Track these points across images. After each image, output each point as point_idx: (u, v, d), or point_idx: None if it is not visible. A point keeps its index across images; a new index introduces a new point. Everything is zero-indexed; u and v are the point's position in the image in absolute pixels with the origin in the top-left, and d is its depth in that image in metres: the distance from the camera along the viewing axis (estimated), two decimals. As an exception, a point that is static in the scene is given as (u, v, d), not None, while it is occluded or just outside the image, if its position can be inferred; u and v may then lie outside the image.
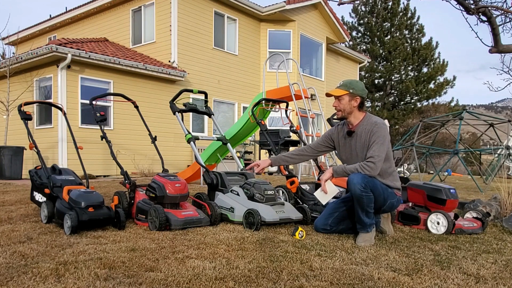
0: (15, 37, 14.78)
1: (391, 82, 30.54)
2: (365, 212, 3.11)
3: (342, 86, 3.36)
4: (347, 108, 3.32)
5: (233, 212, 3.68)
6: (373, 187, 3.10)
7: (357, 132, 3.34)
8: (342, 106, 3.34)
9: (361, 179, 3.06)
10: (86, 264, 2.31)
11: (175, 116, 4.29)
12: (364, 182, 3.05)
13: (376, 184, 3.14)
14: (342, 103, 3.33)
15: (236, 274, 2.18)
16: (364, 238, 3.09)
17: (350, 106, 3.32)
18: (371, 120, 3.30)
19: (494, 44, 4.61)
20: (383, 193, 3.20)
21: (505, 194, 4.20)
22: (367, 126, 3.28)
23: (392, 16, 29.86)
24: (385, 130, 3.23)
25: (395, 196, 3.33)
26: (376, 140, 3.17)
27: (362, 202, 3.07)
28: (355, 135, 3.35)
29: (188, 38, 12.58)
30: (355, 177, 3.08)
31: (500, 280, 2.23)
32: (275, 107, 6.15)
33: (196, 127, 12.93)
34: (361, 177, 3.07)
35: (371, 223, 3.15)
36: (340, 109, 3.35)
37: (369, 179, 3.09)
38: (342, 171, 3.23)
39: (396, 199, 3.34)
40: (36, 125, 10.40)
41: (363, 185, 3.04)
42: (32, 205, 4.52)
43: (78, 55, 9.65)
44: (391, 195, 3.28)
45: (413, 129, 9.71)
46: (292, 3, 14.39)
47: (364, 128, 3.29)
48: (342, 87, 3.35)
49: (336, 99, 3.36)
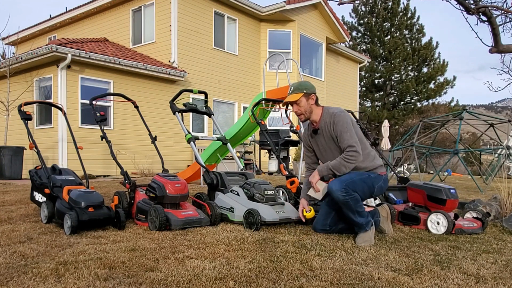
0: (15, 37, 14.78)
1: (391, 82, 30.54)
2: (356, 213, 3.12)
3: (294, 90, 3.42)
4: (307, 108, 3.39)
5: (233, 212, 3.68)
6: (353, 186, 3.12)
7: (321, 127, 3.40)
8: (303, 108, 3.39)
9: (339, 185, 3.08)
10: (86, 264, 2.31)
11: (175, 116, 4.29)
12: (343, 186, 3.07)
13: (355, 181, 3.15)
14: (302, 106, 3.38)
15: (236, 274, 2.18)
16: (363, 238, 3.08)
17: (309, 105, 3.39)
18: (329, 112, 3.36)
19: (494, 44, 4.61)
20: (366, 184, 3.22)
21: (505, 194, 4.20)
22: (327, 118, 3.35)
23: (392, 16, 29.85)
24: (345, 116, 3.28)
25: (380, 177, 3.33)
26: (342, 129, 3.22)
27: (350, 205, 3.09)
28: (320, 131, 3.41)
29: (188, 38, 12.58)
30: (334, 185, 3.11)
31: (500, 280, 2.23)
32: (275, 107, 6.15)
33: (196, 127, 12.93)
34: (339, 183, 3.10)
35: (367, 221, 3.15)
36: (302, 112, 3.40)
37: (347, 181, 3.11)
38: (326, 169, 3.25)
39: (382, 180, 3.34)
40: (36, 125, 10.40)
41: (344, 190, 3.06)
42: (32, 205, 4.52)
43: (78, 55, 9.65)
44: (375, 179, 3.28)
45: (413, 129, 9.71)
46: (292, 3, 14.39)
47: (325, 122, 3.35)
48: (296, 91, 3.41)
49: (295, 104, 3.41)
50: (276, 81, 8.52)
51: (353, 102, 20.65)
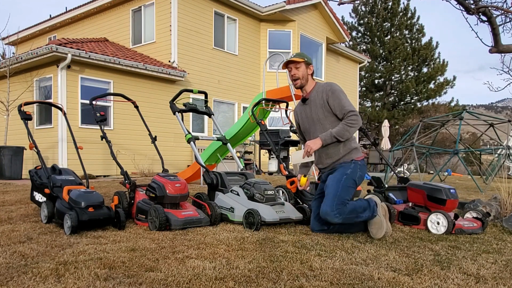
0: (15, 37, 14.79)
1: (391, 82, 30.54)
2: (358, 215, 3.16)
3: (297, 55, 3.51)
4: (304, 75, 3.48)
5: (233, 212, 3.68)
6: (341, 199, 3.13)
7: (310, 98, 3.49)
8: (301, 73, 3.47)
9: (329, 208, 3.09)
10: (86, 264, 2.31)
11: (175, 116, 4.29)
12: (334, 207, 3.09)
13: (340, 193, 3.16)
14: (300, 71, 3.47)
15: (236, 274, 2.18)
16: (376, 226, 3.16)
17: (306, 73, 3.49)
18: (322, 84, 3.50)
19: (494, 44, 4.61)
20: (349, 185, 3.24)
21: (505, 194, 4.20)
22: (319, 88, 3.46)
23: (392, 16, 29.85)
24: (339, 87, 3.43)
25: (356, 167, 3.34)
26: (340, 97, 3.33)
27: (350, 218, 3.13)
28: (309, 101, 3.50)
29: (188, 38, 12.58)
30: (324, 211, 3.11)
31: (500, 280, 2.23)
32: (275, 107, 6.15)
33: (196, 127, 12.93)
34: (328, 207, 3.10)
35: (370, 208, 3.20)
36: (299, 77, 3.48)
37: (334, 200, 3.11)
38: (330, 137, 3.27)
39: (359, 168, 3.35)
40: (36, 125, 10.40)
41: (336, 211, 3.08)
42: (32, 205, 4.52)
43: (78, 55, 9.65)
44: (353, 173, 3.30)
45: (413, 129, 9.70)
46: (292, 3, 14.39)
47: (317, 91, 3.45)
48: (297, 56, 3.49)
49: (295, 68, 3.48)
50: (276, 81, 8.51)
51: (353, 102, 20.64)
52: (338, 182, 3.23)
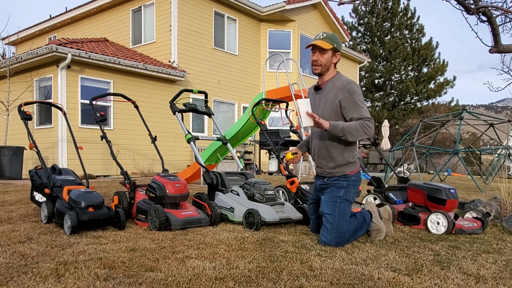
0: (15, 37, 14.79)
1: (391, 82, 30.53)
2: (357, 236, 3.11)
3: (326, 38, 3.02)
4: (327, 63, 3.06)
5: (233, 212, 3.68)
6: (339, 231, 2.91)
7: (324, 89, 3.11)
8: (324, 60, 3.04)
9: (328, 241, 2.90)
10: (86, 264, 2.31)
11: (175, 116, 4.29)
12: (333, 240, 2.89)
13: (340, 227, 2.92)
14: (325, 57, 3.03)
15: (236, 274, 2.18)
16: (374, 232, 3.16)
17: (330, 62, 3.07)
18: (343, 78, 3.08)
19: (494, 44, 4.61)
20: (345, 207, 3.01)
21: (505, 194, 4.20)
22: (337, 82, 3.05)
23: (392, 16, 29.85)
24: (358, 87, 3.04)
25: (350, 184, 3.04)
26: (359, 100, 2.95)
27: (350, 241, 3.04)
28: (321, 92, 3.12)
29: (188, 38, 12.58)
30: (323, 242, 2.92)
31: (500, 280, 2.23)
32: (275, 107, 6.15)
33: (196, 127, 12.93)
34: (328, 239, 2.90)
35: (367, 227, 3.16)
36: (320, 64, 3.05)
37: (332, 228, 2.90)
38: (339, 129, 2.89)
39: (352, 183, 3.06)
40: (36, 125, 10.40)
41: (334, 242, 2.89)
42: (32, 205, 4.52)
43: (78, 55, 9.65)
44: (347, 192, 3.02)
45: (413, 129, 9.70)
46: (292, 3, 14.39)
47: (334, 85, 3.05)
48: (327, 40, 3.01)
49: (319, 53, 3.03)
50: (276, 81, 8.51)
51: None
52: (333, 209, 2.97)
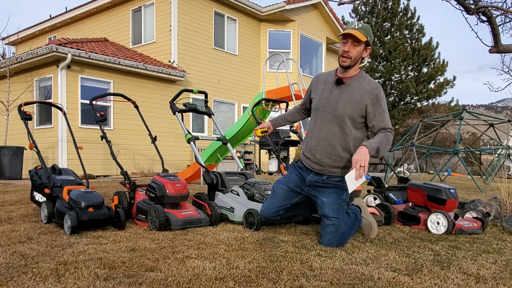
0: (15, 37, 14.79)
1: (391, 82, 30.53)
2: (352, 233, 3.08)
3: (362, 29, 2.77)
4: (358, 57, 2.84)
5: (233, 212, 3.68)
6: (342, 233, 2.90)
7: (348, 85, 2.89)
8: (355, 53, 2.81)
9: (331, 243, 2.86)
10: (86, 264, 2.31)
11: (175, 116, 4.29)
12: (335, 243, 2.86)
13: (344, 230, 2.91)
14: (357, 50, 2.81)
15: (236, 274, 2.18)
16: (366, 228, 3.14)
17: (360, 56, 2.85)
18: (371, 80, 2.90)
19: (494, 44, 4.61)
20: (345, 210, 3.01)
21: (505, 194, 4.20)
22: (364, 83, 2.86)
23: (392, 16, 29.85)
24: (383, 92, 2.90)
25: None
26: (385, 108, 2.82)
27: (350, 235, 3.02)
28: (345, 87, 2.90)
29: (188, 38, 12.58)
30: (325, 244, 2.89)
31: (500, 280, 2.23)
32: (275, 107, 6.15)
33: (196, 127, 12.94)
34: (331, 242, 2.86)
35: (359, 222, 3.14)
36: (351, 56, 2.82)
37: (336, 236, 2.86)
38: (375, 149, 2.69)
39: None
40: (36, 125, 10.40)
41: (336, 245, 2.87)
42: (32, 205, 4.52)
43: (78, 55, 9.65)
44: (347, 194, 2.98)
45: (413, 129, 9.70)
46: (292, 3, 14.40)
47: (360, 84, 2.86)
48: (363, 32, 2.77)
49: (352, 44, 2.80)
50: (276, 81, 8.51)
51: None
52: (338, 212, 2.92)
